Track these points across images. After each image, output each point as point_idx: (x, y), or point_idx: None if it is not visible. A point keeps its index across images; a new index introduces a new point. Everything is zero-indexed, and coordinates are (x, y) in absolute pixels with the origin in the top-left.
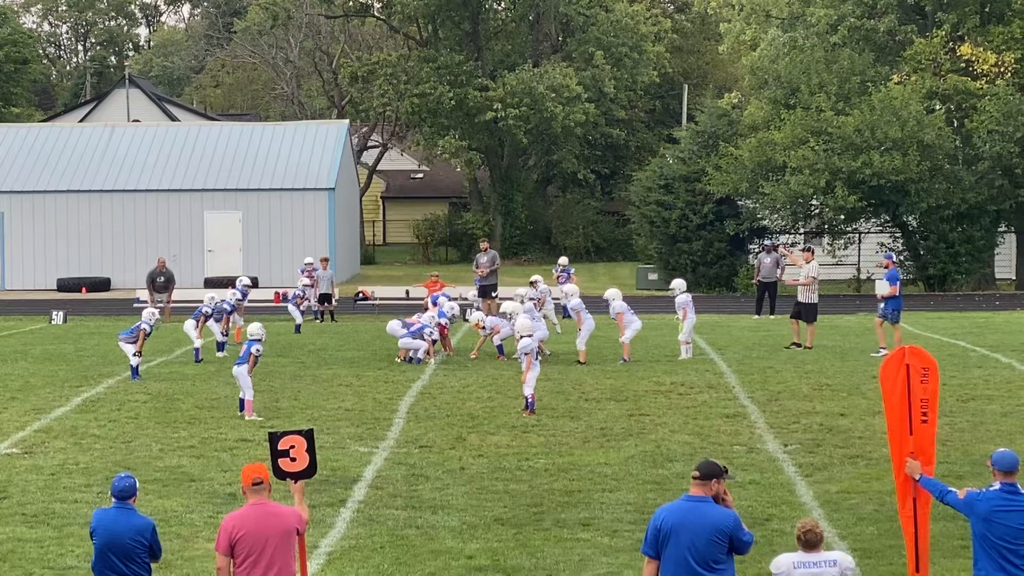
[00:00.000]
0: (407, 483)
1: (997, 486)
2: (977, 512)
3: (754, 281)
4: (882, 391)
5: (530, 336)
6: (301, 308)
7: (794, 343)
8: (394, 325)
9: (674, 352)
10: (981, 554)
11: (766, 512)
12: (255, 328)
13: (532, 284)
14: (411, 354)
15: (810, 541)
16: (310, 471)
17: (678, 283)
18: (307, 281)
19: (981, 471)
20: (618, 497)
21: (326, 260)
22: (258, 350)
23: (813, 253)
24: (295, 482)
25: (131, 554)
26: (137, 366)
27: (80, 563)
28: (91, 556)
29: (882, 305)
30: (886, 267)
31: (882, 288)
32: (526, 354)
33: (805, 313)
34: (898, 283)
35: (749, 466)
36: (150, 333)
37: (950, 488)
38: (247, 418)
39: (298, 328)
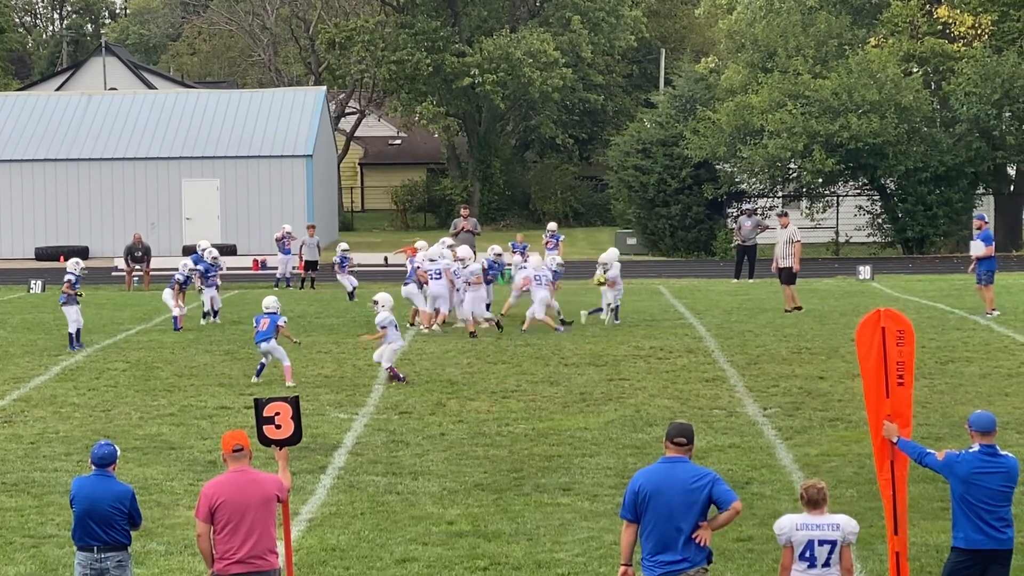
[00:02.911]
0: (387, 449)
1: (976, 448)
2: (957, 474)
3: (733, 244)
4: (858, 355)
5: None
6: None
7: (795, 307)
8: (411, 289)
9: (653, 317)
10: (960, 516)
11: (746, 475)
12: (271, 301)
13: (497, 256)
14: (431, 325)
15: (812, 498)
16: (295, 438)
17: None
18: (306, 240)
19: (960, 433)
20: (598, 462)
21: (312, 227)
22: (284, 321)
23: (788, 216)
24: (280, 449)
25: (111, 521)
26: (176, 318)
27: (60, 531)
28: (71, 524)
29: (974, 267)
30: (979, 228)
31: (977, 249)
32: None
33: (787, 276)
34: (993, 243)
35: (729, 430)
36: (184, 284)
37: (928, 450)
38: (287, 384)
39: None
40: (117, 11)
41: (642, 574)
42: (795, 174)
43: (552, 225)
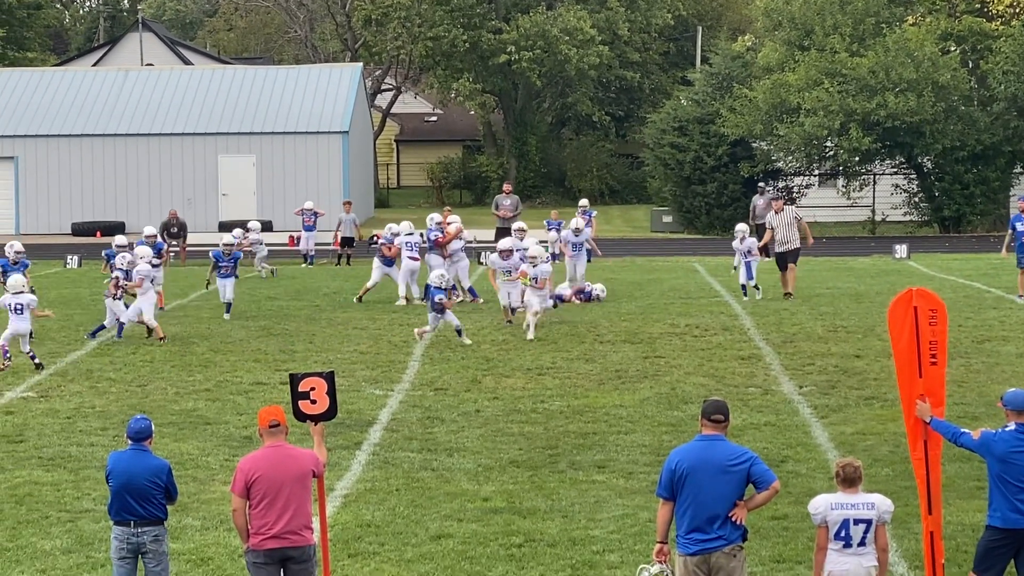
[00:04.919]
0: (422, 426)
1: (1012, 426)
2: (993, 453)
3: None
4: (890, 334)
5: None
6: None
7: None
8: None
9: (688, 295)
10: (997, 494)
11: (781, 454)
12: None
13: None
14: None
15: (848, 476)
16: (330, 413)
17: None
18: (342, 216)
19: (996, 412)
20: (633, 439)
21: (349, 203)
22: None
23: (782, 200)
24: (315, 424)
25: (147, 495)
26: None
27: (96, 506)
28: (107, 499)
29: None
30: (1022, 210)
31: None
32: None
33: (793, 256)
34: None
35: (764, 408)
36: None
37: (963, 430)
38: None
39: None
40: None
41: (677, 551)
42: (831, 152)
43: (584, 202)
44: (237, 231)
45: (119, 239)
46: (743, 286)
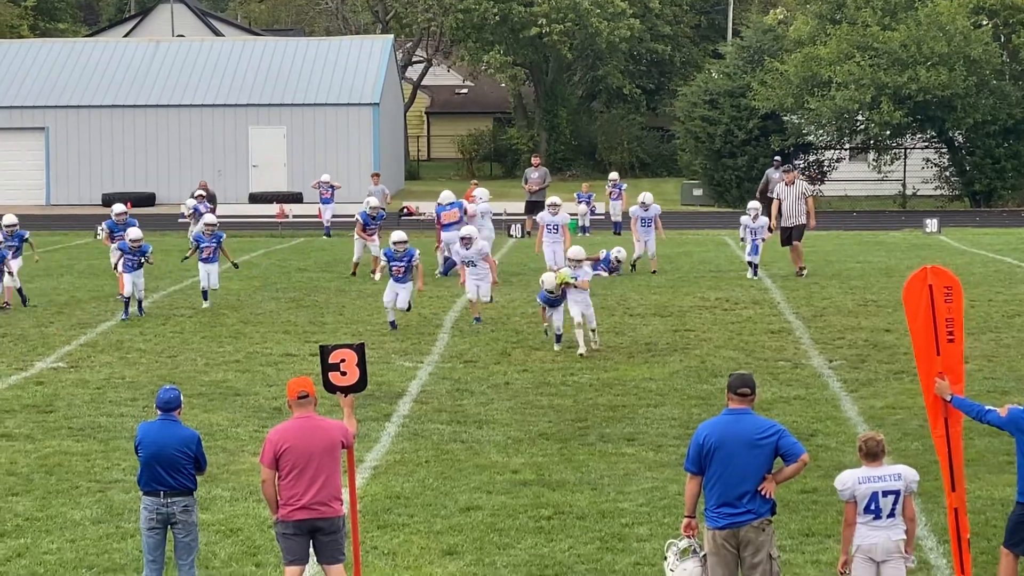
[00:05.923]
0: (452, 398)
1: None
2: (1022, 429)
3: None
4: (906, 313)
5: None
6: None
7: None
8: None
9: (719, 268)
10: None
11: (811, 427)
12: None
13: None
14: None
15: (871, 450)
16: (360, 385)
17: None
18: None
19: None
20: (663, 412)
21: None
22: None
23: (794, 172)
24: (345, 396)
25: (177, 465)
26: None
27: (126, 476)
28: (137, 469)
29: None
30: None
31: None
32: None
33: (798, 232)
34: None
35: (794, 382)
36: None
37: (988, 407)
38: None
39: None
40: None
41: (706, 525)
42: (862, 126)
43: (613, 175)
44: (203, 211)
45: (7, 218)
46: (750, 263)
